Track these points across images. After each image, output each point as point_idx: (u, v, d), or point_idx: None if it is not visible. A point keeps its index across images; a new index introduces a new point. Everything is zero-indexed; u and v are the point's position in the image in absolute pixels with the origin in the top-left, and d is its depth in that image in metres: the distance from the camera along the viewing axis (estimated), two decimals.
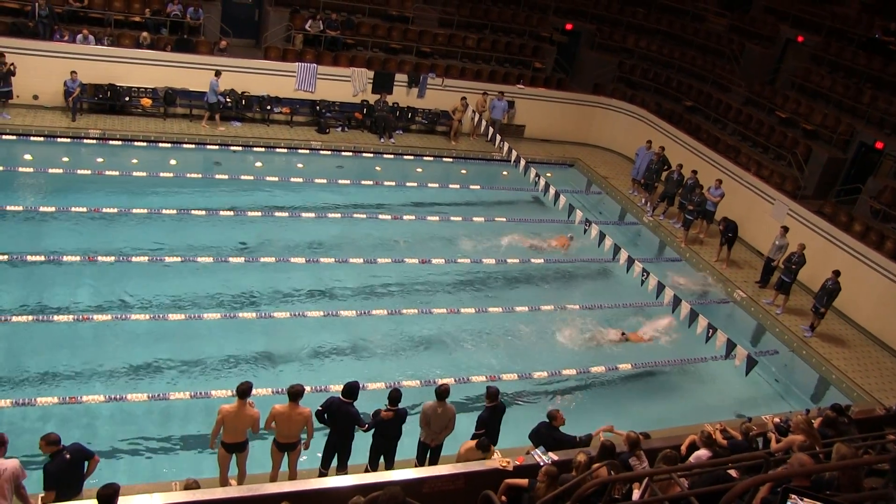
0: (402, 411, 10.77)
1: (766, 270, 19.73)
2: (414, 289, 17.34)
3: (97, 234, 16.97)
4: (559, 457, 10.63)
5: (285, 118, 24.90)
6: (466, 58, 28.31)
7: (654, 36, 30.72)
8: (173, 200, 18.91)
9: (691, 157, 24.02)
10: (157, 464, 11.58)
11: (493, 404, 11.17)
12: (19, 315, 13.79)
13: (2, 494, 7.85)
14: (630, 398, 15.04)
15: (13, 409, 11.69)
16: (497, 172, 24.89)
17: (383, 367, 14.44)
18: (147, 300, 15.11)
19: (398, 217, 20.26)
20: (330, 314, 15.42)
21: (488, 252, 19.27)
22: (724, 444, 10.69)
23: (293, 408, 10.17)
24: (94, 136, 21.46)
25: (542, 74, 28.88)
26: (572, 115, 28.45)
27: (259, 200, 19.91)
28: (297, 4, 26.79)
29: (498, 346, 15.91)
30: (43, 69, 21.93)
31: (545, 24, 30.28)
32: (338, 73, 25.32)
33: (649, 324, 17.39)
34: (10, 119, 21.19)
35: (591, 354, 16.06)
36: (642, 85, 29.31)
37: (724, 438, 10.92)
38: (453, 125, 26.12)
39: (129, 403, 12.26)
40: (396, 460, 11.22)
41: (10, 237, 16.29)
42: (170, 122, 23.27)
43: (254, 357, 14.11)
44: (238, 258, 16.98)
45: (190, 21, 24.82)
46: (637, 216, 23.38)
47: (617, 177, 25.83)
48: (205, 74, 23.29)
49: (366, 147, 24.44)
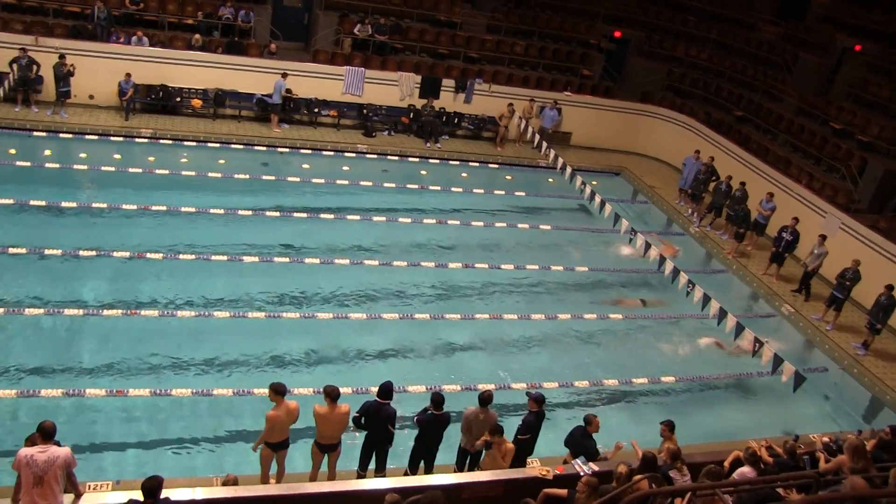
0: (445, 415, 10.75)
1: (804, 278, 19.37)
2: (456, 293, 17.32)
3: (146, 231, 17.27)
4: (600, 467, 10.54)
5: (332, 121, 25.10)
6: (514, 64, 28.28)
7: (705, 44, 30.37)
8: (221, 200, 19.15)
9: (740, 167, 23.67)
10: (198, 458, 11.71)
11: (538, 410, 11.09)
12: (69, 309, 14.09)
13: (55, 481, 8.00)
14: (672, 411, 14.77)
15: (62, 398, 11.93)
16: (542, 179, 24.79)
17: (424, 370, 14.45)
18: (192, 297, 15.32)
19: (442, 221, 20.27)
20: (373, 316, 15.47)
21: (532, 259, 19.20)
22: (769, 461, 10.49)
23: (333, 408, 10.22)
24: (145, 135, 21.88)
25: (590, 82, 28.73)
26: (619, 124, 28.24)
27: (305, 202, 20.08)
28: (347, 9, 27.02)
29: (539, 354, 15.83)
30: (99, 70, 22.42)
31: (594, 32, 30.13)
32: (385, 77, 25.46)
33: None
34: (68, 118, 21.70)
35: (632, 365, 15.90)
36: (691, 94, 29.00)
37: (770, 456, 10.72)
38: (499, 131, 26.09)
39: (174, 398, 12.44)
40: (435, 465, 11.21)
41: (63, 233, 16.64)
42: (219, 122, 23.61)
43: (296, 357, 14.21)
44: (283, 258, 17.13)
45: (241, 24, 25.17)
46: (683, 226, 23.12)
47: (664, 186, 25.58)
48: (254, 77, 23.66)
49: (412, 151, 24.53)
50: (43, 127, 21.15)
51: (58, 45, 21.89)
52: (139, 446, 11.62)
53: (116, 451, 11.38)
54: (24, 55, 21.01)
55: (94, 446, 11.38)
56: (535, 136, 23.50)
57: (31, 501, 7.94)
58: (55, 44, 21.90)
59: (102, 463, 11.11)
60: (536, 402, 11.10)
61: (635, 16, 31.36)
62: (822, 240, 18.81)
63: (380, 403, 10.48)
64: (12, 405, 11.85)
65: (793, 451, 10.93)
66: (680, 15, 31.46)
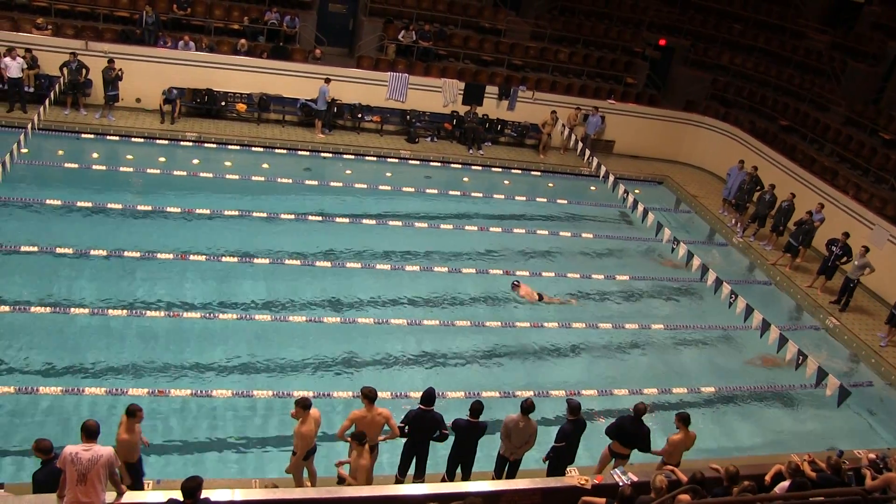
0: (482, 423, 10.72)
1: (843, 289, 19.02)
2: (497, 300, 17.27)
3: (190, 234, 17.52)
4: (638, 478, 10.45)
5: (375, 127, 25.23)
6: (557, 71, 28.21)
7: (750, 53, 29.96)
8: (264, 203, 19.36)
9: (785, 178, 23.32)
10: (237, 459, 11.84)
11: (575, 418, 11.01)
12: (113, 309, 14.34)
13: (98, 479, 8.14)
14: (712, 422, 14.65)
15: (105, 396, 12.15)
16: (585, 187, 24.67)
17: (463, 377, 14.46)
18: (233, 300, 15.51)
19: (484, 228, 20.25)
20: (413, 322, 15.48)
21: (573, 266, 19.11)
22: (812, 476, 10.28)
23: (371, 409, 10.25)
24: (190, 138, 22.22)
25: (634, 90, 28.53)
26: (663, 132, 28.02)
27: (347, 207, 20.21)
28: (391, 15, 27.16)
29: (579, 362, 15.74)
30: (146, 74, 22.84)
31: (638, 40, 29.93)
32: (429, 83, 25.54)
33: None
34: (115, 121, 22.12)
35: (672, 375, 15.72)
36: (736, 103, 28.62)
37: (813, 471, 10.50)
38: (542, 139, 26.02)
39: (214, 399, 12.58)
40: (473, 471, 11.18)
41: (108, 234, 16.95)
42: (263, 126, 23.88)
43: (336, 361, 14.30)
44: (324, 262, 17.24)
45: (286, 29, 25.44)
46: (726, 237, 22.83)
47: (707, 196, 25.30)
48: (298, 82, 23.89)
49: (454, 158, 24.57)
50: (91, 129, 21.61)
51: (107, 49, 22.33)
52: (179, 447, 11.76)
53: (157, 450, 11.51)
54: (74, 59, 21.47)
55: None
56: (579, 143, 23.39)
57: (74, 497, 8.08)
58: (104, 48, 22.34)
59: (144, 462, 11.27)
60: (573, 410, 11.03)
61: (680, 24, 31.07)
62: (864, 251, 18.47)
63: (424, 410, 10.50)
64: (57, 402, 12.08)
65: (837, 467, 10.69)
66: (725, 23, 31.08)
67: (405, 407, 11.16)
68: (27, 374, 12.57)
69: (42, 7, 23.46)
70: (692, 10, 31.62)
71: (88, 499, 8.10)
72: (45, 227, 16.81)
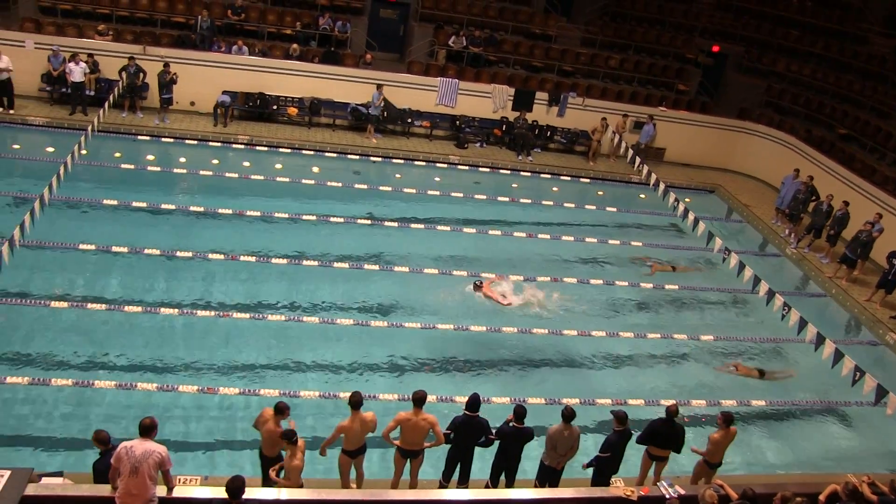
0: (527, 430, 10.66)
1: None
2: (544, 308, 17.15)
3: (240, 235, 17.77)
4: (686, 491, 10.29)
5: (425, 132, 25.33)
6: (608, 78, 28.03)
7: (808, 59, 29.37)
8: (314, 207, 19.53)
9: (842, 187, 22.78)
10: None
11: (622, 428, 10.88)
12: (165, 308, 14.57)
13: (149, 474, 8.32)
14: (762, 437, 14.35)
15: (159, 393, 12.36)
16: (634, 195, 24.44)
17: (508, 382, 14.38)
18: (282, 301, 15.67)
19: (532, 235, 20.16)
20: (460, 328, 15.46)
21: (622, 275, 18.93)
22: (873, 499, 9.94)
23: (417, 414, 10.25)
24: (242, 141, 22.56)
25: (686, 97, 28.23)
26: (715, 140, 27.65)
27: (396, 211, 20.28)
28: (442, 20, 27.27)
29: (626, 371, 15.57)
30: (201, 78, 23.27)
31: (690, 46, 29.60)
32: (479, 89, 25.58)
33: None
34: (169, 123, 22.55)
35: (721, 387, 15.45)
36: (791, 111, 28.10)
37: (874, 493, 10.15)
38: (592, 146, 25.87)
39: (262, 398, 12.67)
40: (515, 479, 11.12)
41: (162, 234, 17.28)
42: (314, 130, 24.15)
43: (381, 364, 14.34)
44: (373, 266, 17.32)
45: (338, 34, 25.70)
46: (780, 247, 22.40)
47: (759, 205, 24.88)
48: (349, 86, 24.11)
49: (503, 164, 24.55)
50: (147, 132, 22.07)
51: (163, 53, 22.83)
52: (226, 444, 11.89)
53: (204, 447, 11.71)
54: (132, 63, 21.96)
55: (184, 441, 11.72)
56: (629, 151, 23.17)
57: (126, 489, 8.29)
58: (161, 52, 22.83)
59: (192, 457, 11.45)
60: (620, 420, 10.91)
61: (734, 30, 30.66)
62: None
63: (469, 416, 10.48)
64: (111, 396, 12.32)
65: None
66: (781, 29, 30.55)
67: (445, 413, 11.11)
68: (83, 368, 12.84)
69: (104, 14, 24.06)
70: (747, 15, 31.17)
71: (139, 491, 8.29)
72: (102, 226, 17.22)
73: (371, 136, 24.10)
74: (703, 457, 11.27)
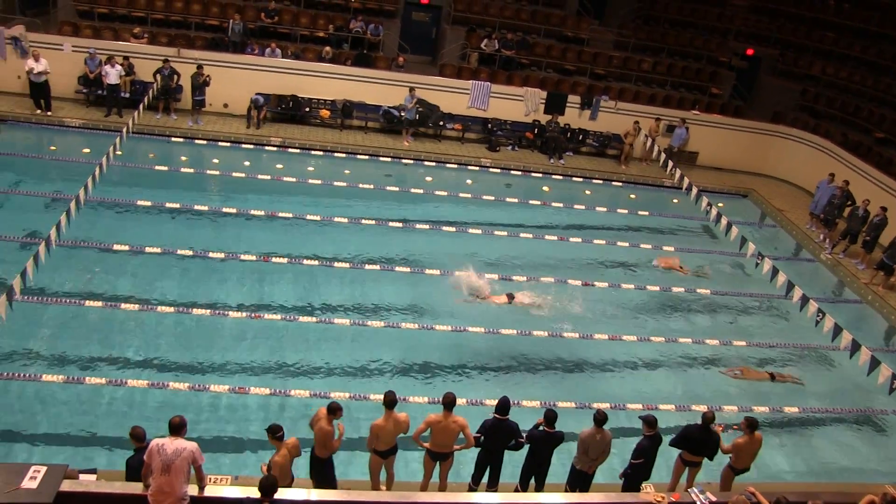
0: (557, 434, 10.61)
1: None
2: (575, 311, 17.08)
3: (272, 237, 17.89)
4: (717, 498, 10.19)
5: (457, 134, 25.34)
6: (641, 81, 27.88)
7: (845, 62, 28.96)
8: (345, 209, 19.64)
9: (880, 193, 22.40)
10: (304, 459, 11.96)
11: (652, 433, 10.79)
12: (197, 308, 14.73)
13: (181, 471, 8.43)
14: (796, 444, 14.15)
15: (190, 393, 12.50)
16: (667, 199, 24.28)
17: (538, 386, 14.33)
18: (313, 303, 15.74)
19: (564, 238, 20.08)
20: (491, 331, 15.42)
21: (653, 279, 18.78)
22: None
23: (447, 416, 10.24)
24: (275, 143, 22.73)
25: (719, 101, 27.99)
26: (748, 144, 27.37)
27: (427, 213, 20.32)
28: (474, 23, 27.28)
29: (656, 376, 15.44)
30: (234, 80, 23.48)
31: (724, 49, 29.34)
32: (511, 92, 25.55)
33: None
34: (202, 125, 22.78)
35: (753, 394, 15.27)
36: (827, 114, 27.73)
37: None
38: (624, 149, 25.73)
39: (293, 398, 12.76)
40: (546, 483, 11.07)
41: (195, 234, 17.47)
42: (346, 133, 24.25)
43: (412, 366, 14.35)
44: (404, 268, 17.34)
45: (370, 37, 25.81)
46: (814, 253, 22.10)
47: (794, 210, 24.57)
48: (381, 89, 24.19)
49: (535, 167, 24.50)
50: (180, 133, 22.33)
51: (197, 56, 23.08)
52: (259, 444, 11.94)
53: (234, 447, 11.78)
54: (166, 66, 22.23)
55: (215, 440, 11.80)
56: (661, 154, 23.01)
57: (158, 486, 8.39)
58: (195, 55, 23.08)
59: (221, 457, 11.51)
60: (650, 425, 10.82)
61: (769, 33, 30.35)
62: None
63: (499, 419, 10.45)
64: (141, 395, 12.47)
65: None
66: (818, 31, 30.15)
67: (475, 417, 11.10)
68: (116, 367, 13.01)
69: (139, 17, 24.39)
70: (782, 18, 30.84)
71: (171, 489, 8.39)
72: (135, 226, 17.45)
73: (406, 139, 24.17)
74: (729, 460, 11.17)
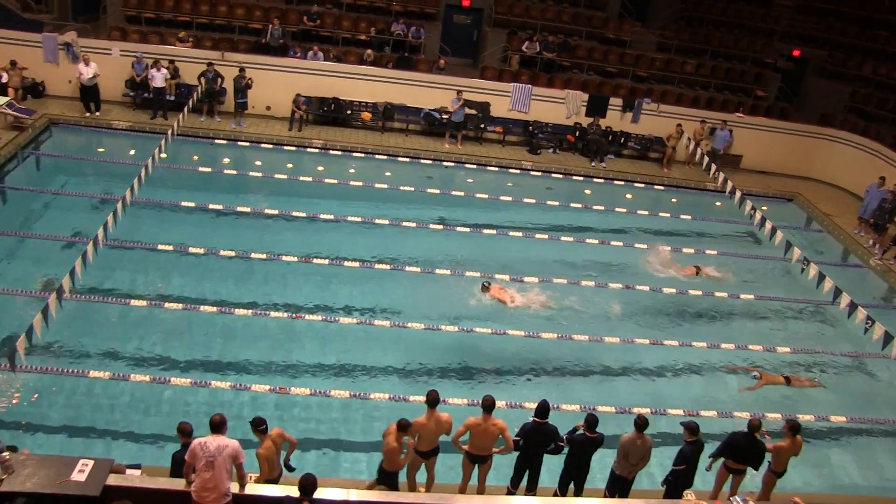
0: (598, 438, 10.53)
1: None
2: (616, 315, 16.93)
3: (314, 238, 18.05)
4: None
5: (498, 137, 25.30)
6: (684, 84, 27.60)
7: None
8: (386, 211, 19.69)
9: None
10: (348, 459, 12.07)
11: (694, 439, 10.65)
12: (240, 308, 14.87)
13: (224, 468, 8.57)
14: (842, 454, 13.87)
15: (231, 392, 12.64)
16: (710, 203, 23.98)
17: (578, 390, 14.22)
18: (354, 304, 15.83)
19: (605, 242, 19.93)
20: (531, 335, 15.32)
21: (693, 284, 18.55)
22: None
23: (487, 419, 10.23)
24: (316, 145, 22.90)
25: (764, 103, 27.60)
26: (794, 147, 26.89)
27: (468, 216, 20.31)
28: (515, 26, 27.24)
29: (698, 382, 15.26)
30: (276, 83, 23.71)
31: (770, 50, 28.90)
32: (552, 94, 25.44)
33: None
34: (245, 128, 23.03)
35: (797, 401, 14.99)
36: (878, 116, 27.14)
37: None
38: (667, 152, 25.45)
39: (332, 399, 12.83)
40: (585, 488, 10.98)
41: (238, 235, 17.71)
42: (387, 135, 24.35)
43: (451, 369, 14.36)
44: (444, 270, 17.33)
45: (411, 40, 25.90)
46: (863, 258, 21.63)
47: (841, 214, 24.08)
48: (422, 92, 24.26)
49: (576, 170, 24.36)
50: (224, 136, 22.61)
51: (241, 59, 23.34)
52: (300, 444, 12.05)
53: None
54: (210, 69, 22.53)
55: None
56: (704, 158, 22.72)
57: (201, 483, 8.53)
58: (239, 58, 23.35)
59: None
60: (691, 431, 10.67)
61: (816, 33, 29.81)
62: None
63: (539, 423, 10.41)
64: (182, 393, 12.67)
65: None
66: (869, 31, 29.51)
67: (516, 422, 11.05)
68: (160, 365, 13.21)
69: (185, 21, 24.77)
70: (830, 17, 30.25)
71: (214, 485, 8.52)
72: (180, 226, 17.70)
73: (457, 142, 24.29)
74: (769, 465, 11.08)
